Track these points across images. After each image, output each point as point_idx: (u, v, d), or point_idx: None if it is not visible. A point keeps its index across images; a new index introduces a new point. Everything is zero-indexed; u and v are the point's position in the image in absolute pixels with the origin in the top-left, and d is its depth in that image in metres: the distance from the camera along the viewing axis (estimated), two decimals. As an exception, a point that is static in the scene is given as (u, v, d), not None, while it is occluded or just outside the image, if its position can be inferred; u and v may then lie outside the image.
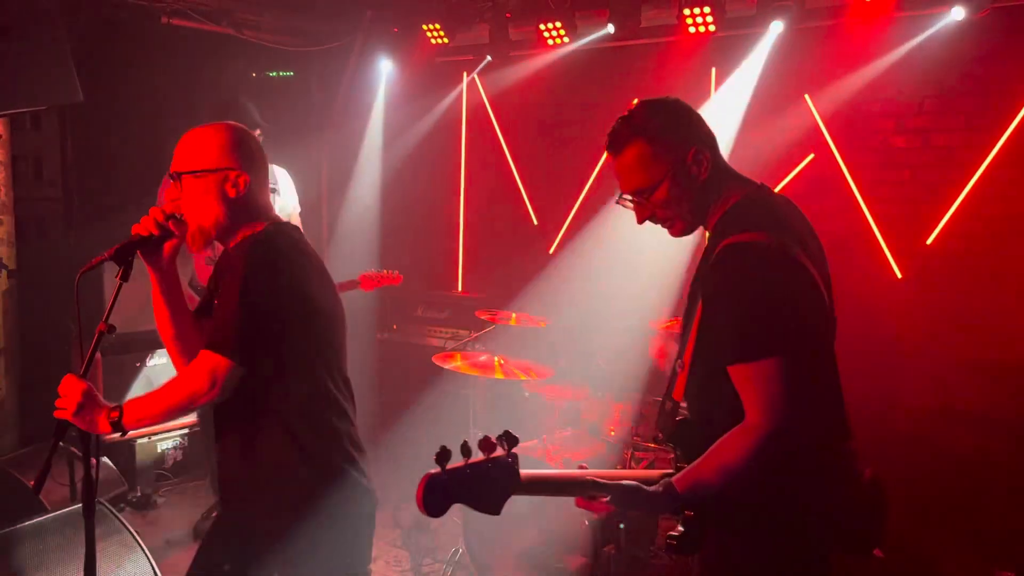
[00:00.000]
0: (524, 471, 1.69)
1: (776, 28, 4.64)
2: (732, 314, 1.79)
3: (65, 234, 5.13)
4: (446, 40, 5.68)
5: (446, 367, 4.35)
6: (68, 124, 5.10)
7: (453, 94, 6.36)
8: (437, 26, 5.63)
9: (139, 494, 4.98)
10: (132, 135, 5.56)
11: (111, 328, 2.06)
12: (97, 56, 4.98)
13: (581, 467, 1.81)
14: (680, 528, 1.82)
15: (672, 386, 1.97)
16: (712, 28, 4.76)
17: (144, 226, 2.14)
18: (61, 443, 2.13)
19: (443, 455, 1.58)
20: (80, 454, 3.95)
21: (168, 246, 2.19)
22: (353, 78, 6.23)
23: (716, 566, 1.99)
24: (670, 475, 1.85)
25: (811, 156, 4.92)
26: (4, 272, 5.01)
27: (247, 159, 2.19)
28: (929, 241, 4.56)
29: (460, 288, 6.50)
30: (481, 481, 1.63)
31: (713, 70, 5.24)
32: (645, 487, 1.80)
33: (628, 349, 4.58)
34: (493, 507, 1.66)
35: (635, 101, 2.04)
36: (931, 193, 4.57)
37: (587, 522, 3.65)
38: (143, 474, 5.06)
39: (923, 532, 3.90)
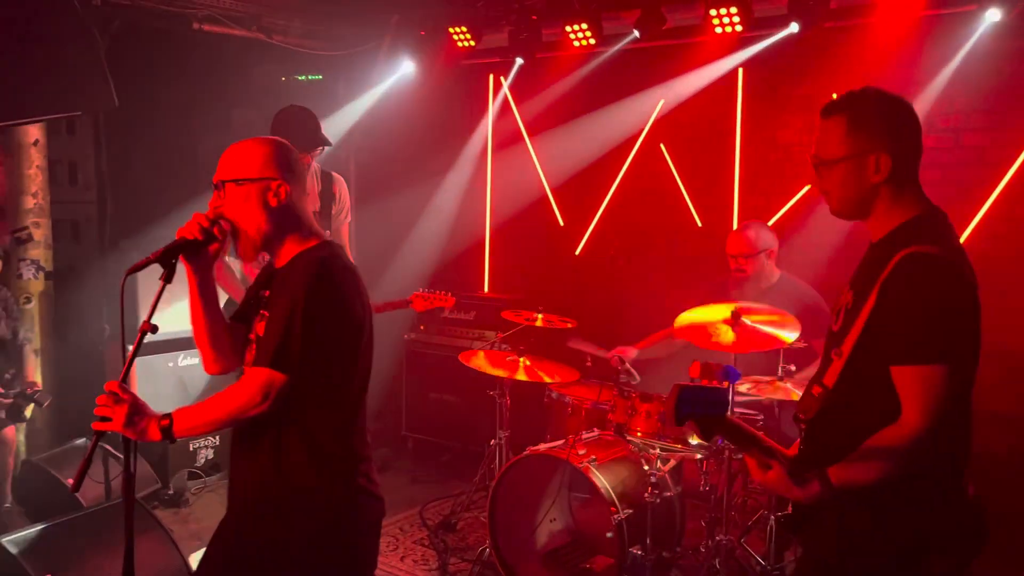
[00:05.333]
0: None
1: (793, 28, 4.62)
2: (910, 318, 1.89)
3: (99, 237, 5.23)
4: (472, 43, 5.71)
5: (472, 368, 4.39)
6: (102, 129, 5.19)
7: (479, 96, 6.40)
8: (463, 29, 5.66)
9: (171, 491, 5.05)
10: (164, 139, 5.66)
11: (154, 328, 2.09)
12: (130, 61, 5.07)
13: (759, 432, 1.92)
14: (790, 508, 1.99)
15: (825, 372, 2.08)
16: (739, 28, 4.74)
17: (189, 229, 2.17)
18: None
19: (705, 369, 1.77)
20: (114, 452, 4.08)
21: (211, 250, 2.22)
22: (380, 81, 6.28)
23: (820, 552, 2.07)
24: (795, 457, 1.96)
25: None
26: (42, 274, 5.12)
27: (287, 171, 2.25)
28: (960, 242, 4.50)
29: (487, 289, 6.53)
30: (711, 404, 1.77)
31: (740, 70, 5.22)
32: (799, 474, 1.89)
33: (654, 349, 4.58)
34: (709, 432, 1.82)
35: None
36: (962, 193, 4.52)
37: (614, 523, 3.66)
38: (176, 472, 5.14)
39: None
